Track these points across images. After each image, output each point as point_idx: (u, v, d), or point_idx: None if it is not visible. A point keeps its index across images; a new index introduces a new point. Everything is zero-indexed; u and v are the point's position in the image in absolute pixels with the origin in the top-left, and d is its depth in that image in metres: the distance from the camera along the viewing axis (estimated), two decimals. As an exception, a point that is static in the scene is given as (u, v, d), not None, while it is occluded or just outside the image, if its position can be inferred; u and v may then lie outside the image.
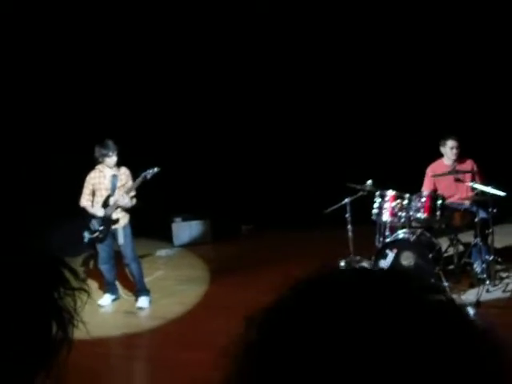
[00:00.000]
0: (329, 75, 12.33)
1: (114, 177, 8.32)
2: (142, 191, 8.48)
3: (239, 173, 12.83)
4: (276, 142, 12.70)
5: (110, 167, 8.28)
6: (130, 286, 8.77)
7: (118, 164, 8.36)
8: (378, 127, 12.01)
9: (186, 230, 12.40)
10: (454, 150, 8.42)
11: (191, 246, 12.11)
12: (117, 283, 8.83)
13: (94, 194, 8.41)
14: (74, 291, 1.12)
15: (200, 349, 5.51)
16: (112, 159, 8.19)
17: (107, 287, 8.77)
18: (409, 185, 8.55)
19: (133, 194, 8.35)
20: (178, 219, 12.43)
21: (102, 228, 8.33)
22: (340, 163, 11.72)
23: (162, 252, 11.85)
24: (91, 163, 8.39)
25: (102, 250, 8.48)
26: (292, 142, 12.59)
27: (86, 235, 8.44)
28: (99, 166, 8.31)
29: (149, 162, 8.46)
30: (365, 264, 8.84)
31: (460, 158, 8.53)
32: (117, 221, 8.34)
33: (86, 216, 8.41)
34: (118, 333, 7.62)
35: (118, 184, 8.30)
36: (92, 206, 8.38)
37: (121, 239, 8.36)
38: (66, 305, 1.11)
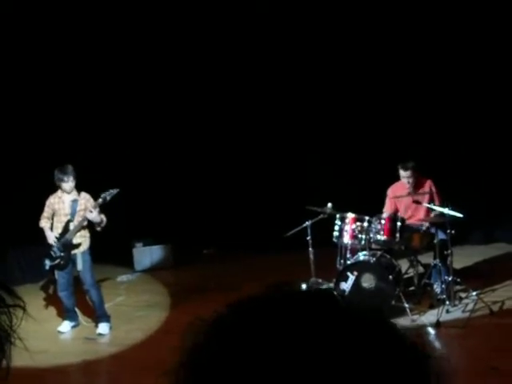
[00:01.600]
0: (290, 98, 12.42)
1: (74, 202, 8.27)
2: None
3: (200, 197, 12.80)
4: (236, 166, 12.71)
5: (68, 192, 8.22)
6: (90, 312, 8.66)
7: (78, 189, 8.31)
8: (339, 149, 12.10)
9: (147, 254, 12.31)
10: (406, 180, 8.55)
11: (152, 270, 12.01)
12: (76, 309, 8.72)
13: (53, 217, 8.36)
14: (8, 308, 1.11)
15: (160, 375, 5.46)
16: (68, 184, 8.14)
17: (66, 314, 8.66)
18: (369, 207, 8.64)
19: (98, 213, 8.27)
20: (138, 244, 12.33)
21: (63, 254, 8.24)
22: (300, 186, 11.77)
23: (123, 277, 11.73)
24: (53, 186, 8.34)
25: (61, 276, 8.38)
26: (252, 165, 12.60)
27: (47, 262, 8.35)
28: (58, 191, 8.27)
29: (109, 185, 8.41)
30: (325, 286, 8.89)
31: (418, 178, 8.64)
32: (77, 245, 8.26)
33: (47, 243, 8.32)
34: (77, 360, 7.52)
35: (78, 209, 8.24)
36: (51, 229, 8.30)
37: (79, 265, 8.28)
38: (1, 323, 1.10)
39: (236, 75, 12.46)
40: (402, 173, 8.57)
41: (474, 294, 8.08)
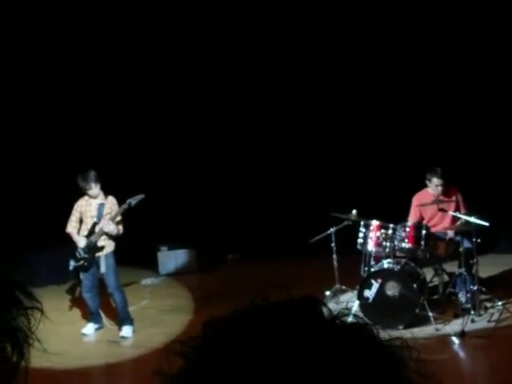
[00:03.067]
0: (314, 104, 12.42)
1: (101, 205, 8.35)
2: (128, 219, 8.48)
3: (225, 202, 12.83)
4: (262, 172, 12.73)
5: (94, 198, 8.31)
6: (114, 315, 8.70)
7: (105, 193, 8.39)
8: (364, 157, 12.07)
9: (171, 258, 12.36)
10: (439, 188, 8.45)
11: (177, 275, 12.05)
12: (101, 312, 8.77)
13: (81, 221, 8.44)
14: (26, 311, 1.13)
15: None
16: (93, 191, 8.24)
17: (91, 316, 8.71)
18: (394, 214, 8.59)
19: (119, 219, 8.33)
20: (163, 248, 12.39)
21: (87, 256, 8.32)
22: (325, 193, 11.75)
23: (148, 281, 11.78)
24: (79, 188, 8.42)
25: (86, 278, 8.45)
26: (278, 171, 12.62)
27: (72, 263, 8.42)
28: (86, 195, 8.35)
29: (135, 190, 8.47)
30: (350, 293, 8.86)
31: (444, 186, 8.56)
32: (101, 248, 8.33)
33: (73, 244, 8.40)
34: (100, 362, 7.56)
35: (104, 212, 8.31)
36: (78, 233, 8.38)
37: (103, 268, 8.34)
38: (19, 325, 1.12)
39: (256, 79, 12.48)
40: (436, 180, 8.43)
41: (500, 303, 7.99)
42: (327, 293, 8.87)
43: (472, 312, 7.79)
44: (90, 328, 8.65)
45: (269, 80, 12.47)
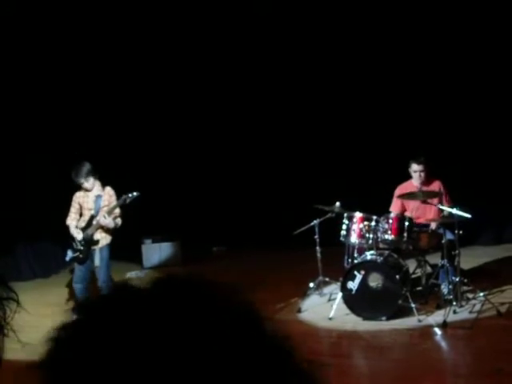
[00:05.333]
0: (298, 98, 12.43)
1: (98, 197, 8.34)
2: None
3: (209, 194, 12.84)
4: (246, 165, 12.74)
5: (89, 190, 8.28)
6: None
7: (103, 184, 8.38)
8: (347, 148, 12.10)
9: (155, 251, 12.35)
10: (418, 174, 8.51)
11: (161, 267, 12.04)
12: None
13: (81, 213, 8.45)
14: (1, 301, 1.14)
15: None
16: (86, 185, 8.21)
17: None
18: (377, 206, 8.63)
19: (116, 213, 8.31)
20: (147, 241, 12.38)
21: (83, 248, 8.30)
22: (308, 185, 11.78)
23: (132, 274, 11.76)
24: (64, 182, 8.41)
25: (78, 269, 8.45)
26: (262, 164, 12.63)
27: (69, 253, 8.42)
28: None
29: (120, 184, 8.47)
30: (333, 285, 8.90)
31: (428, 179, 8.61)
32: (97, 242, 8.32)
33: (69, 235, 8.42)
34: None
35: (102, 204, 8.29)
36: (76, 225, 8.35)
37: (97, 260, 8.34)
38: None
39: (243, 76, 12.50)
40: (415, 166, 8.51)
41: (482, 294, 8.04)
42: (311, 284, 8.92)
43: (454, 303, 7.83)
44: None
45: (254, 76, 12.48)
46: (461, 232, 7.80)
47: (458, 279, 7.86)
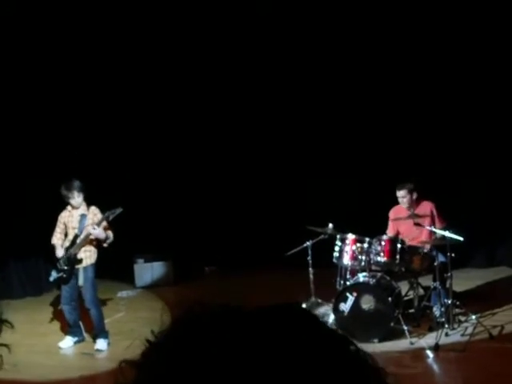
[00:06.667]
0: (292, 116, 12.48)
1: (83, 216, 8.30)
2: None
3: (202, 215, 12.84)
4: (238, 185, 12.75)
5: (76, 208, 8.27)
6: (91, 327, 8.63)
7: (88, 203, 8.36)
8: (339, 170, 12.13)
9: (148, 271, 12.32)
10: (401, 200, 8.59)
11: (153, 287, 12.02)
12: (81, 324, 8.67)
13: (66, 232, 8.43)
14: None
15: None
16: (74, 200, 8.20)
17: (69, 329, 8.63)
18: (370, 228, 8.64)
19: (104, 227, 8.27)
20: (140, 260, 12.35)
21: (66, 268, 8.25)
22: (301, 207, 11.80)
23: (124, 293, 11.75)
24: (55, 200, 8.40)
25: (65, 290, 8.39)
26: (254, 184, 12.65)
27: (53, 274, 8.36)
28: (69, 206, 8.33)
29: (111, 202, 8.45)
30: (326, 306, 8.89)
31: (419, 201, 8.66)
32: (81, 261, 8.27)
33: (54, 255, 8.37)
34: (75, 375, 7.50)
35: (86, 223, 8.26)
36: (62, 245, 8.33)
37: (80, 280, 8.29)
38: None
39: (231, 90, 12.52)
40: (397, 192, 8.61)
41: (474, 317, 8.04)
42: (303, 306, 8.89)
43: (446, 326, 7.84)
44: (67, 342, 8.56)
45: (242, 98, 12.53)
46: (453, 254, 7.82)
47: (450, 302, 7.87)
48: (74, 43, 11.72)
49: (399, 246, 8.11)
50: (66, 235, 8.43)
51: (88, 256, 8.33)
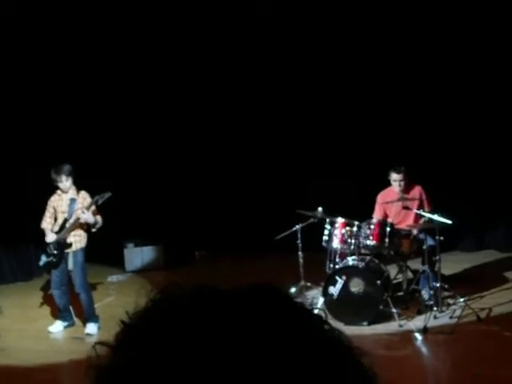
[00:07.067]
0: (279, 104, 12.46)
1: (73, 201, 8.28)
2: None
3: (192, 199, 12.82)
4: (228, 169, 12.75)
5: (65, 192, 8.25)
6: (81, 312, 8.63)
7: (78, 188, 8.35)
8: (329, 154, 12.13)
9: (138, 255, 12.32)
10: (398, 183, 8.58)
11: (143, 271, 12.01)
12: (71, 309, 8.68)
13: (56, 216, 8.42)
14: None
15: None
16: (63, 184, 8.17)
17: (60, 313, 8.62)
18: (359, 212, 8.67)
19: (93, 212, 8.25)
20: (130, 245, 12.34)
21: (56, 252, 8.23)
22: (291, 190, 11.80)
23: (114, 278, 11.74)
24: (44, 185, 8.39)
25: (55, 274, 8.37)
26: (244, 168, 12.64)
27: (43, 258, 8.34)
28: (59, 190, 8.31)
29: (102, 186, 8.43)
30: (315, 290, 8.93)
31: (408, 185, 8.68)
32: (70, 245, 8.26)
33: (44, 240, 8.36)
34: (65, 359, 7.52)
35: (76, 208, 8.24)
36: (51, 229, 8.32)
37: (70, 264, 8.29)
38: None
39: (220, 77, 12.51)
40: (395, 175, 8.58)
41: (462, 300, 8.12)
42: (292, 289, 8.93)
43: (435, 308, 7.91)
44: (57, 326, 8.56)
45: (236, 80, 12.50)
46: (441, 238, 7.86)
47: (438, 285, 7.92)
48: (72, 39, 11.73)
49: (388, 229, 8.14)
50: (55, 219, 8.42)
51: (78, 240, 8.32)
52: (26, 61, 11.54)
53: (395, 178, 8.59)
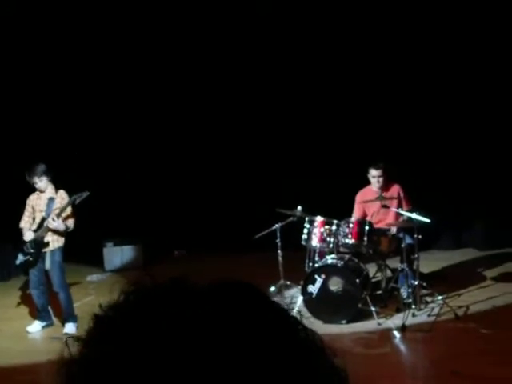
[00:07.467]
0: (260, 103, 12.47)
1: (51, 200, 8.24)
2: (75, 214, 8.38)
3: (171, 198, 12.80)
4: (206, 169, 12.75)
5: (43, 192, 8.20)
6: (60, 311, 8.59)
7: (57, 187, 8.29)
8: (308, 153, 12.17)
9: (117, 254, 12.29)
10: (377, 179, 8.60)
11: (123, 270, 11.98)
12: (50, 309, 8.63)
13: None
14: None
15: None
16: (39, 185, 8.14)
17: (38, 313, 8.57)
18: (338, 211, 8.69)
19: (67, 214, 8.21)
20: (109, 244, 12.31)
21: (33, 251, 8.18)
22: (270, 189, 11.81)
23: (93, 277, 11.70)
24: (20, 184, 8.33)
25: (33, 274, 8.32)
26: (223, 168, 12.64)
27: (20, 257, 8.28)
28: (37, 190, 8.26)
29: (80, 186, 8.39)
30: (294, 289, 8.94)
31: (387, 184, 8.71)
32: (47, 244, 8.21)
33: (22, 239, 8.30)
34: (43, 359, 7.46)
35: (54, 207, 8.19)
36: (29, 228, 8.27)
37: (47, 264, 8.24)
38: None
39: (203, 77, 12.51)
40: (373, 172, 8.61)
41: (440, 298, 8.17)
42: (272, 288, 8.94)
43: (413, 306, 7.94)
44: (35, 326, 8.50)
45: (216, 81, 12.51)
46: (420, 236, 7.90)
47: (416, 283, 7.96)
48: (59, 36, 11.69)
49: (367, 228, 8.16)
50: (34, 219, 8.37)
51: (55, 239, 8.27)
52: (9, 60, 11.48)
53: (374, 174, 8.62)
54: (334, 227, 8.28)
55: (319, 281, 7.99)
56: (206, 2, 12.07)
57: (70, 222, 8.24)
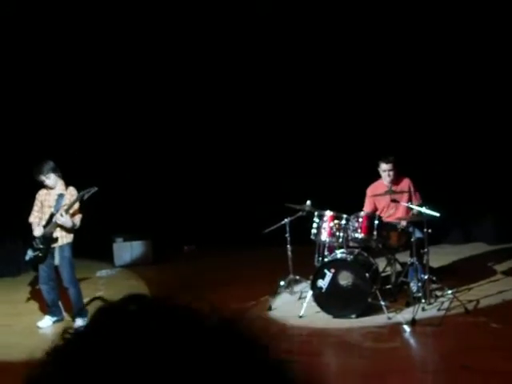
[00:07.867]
0: (268, 97, 12.46)
1: (60, 196, 8.24)
2: (83, 210, 8.39)
3: (181, 194, 12.82)
4: (216, 164, 12.75)
5: (52, 188, 8.22)
6: (70, 307, 8.61)
7: (67, 184, 8.31)
8: (317, 147, 12.16)
9: (127, 250, 12.31)
10: (387, 173, 8.58)
11: (132, 266, 12.01)
12: (60, 304, 8.66)
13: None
14: None
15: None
16: (47, 182, 8.15)
17: (48, 309, 8.59)
18: (347, 205, 8.68)
19: (74, 211, 8.23)
20: (119, 239, 12.33)
21: (42, 247, 8.20)
22: (279, 184, 11.81)
23: (103, 272, 11.74)
24: (28, 181, 8.34)
25: (42, 269, 8.34)
26: (233, 163, 12.65)
27: (29, 253, 8.30)
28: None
29: (91, 181, 8.39)
30: (304, 283, 8.93)
31: (397, 177, 8.69)
32: (56, 239, 8.22)
33: (31, 234, 8.31)
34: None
35: (63, 203, 8.20)
36: (39, 223, 8.29)
37: (56, 259, 8.25)
38: None
39: (207, 75, 12.51)
40: (384, 165, 8.59)
41: (450, 292, 8.15)
42: (281, 283, 8.95)
43: (423, 301, 7.92)
44: (46, 321, 8.52)
45: (223, 79, 12.51)
46: (429, 230, 7.87)
47: (426, 277, 7.94)
48: (58, 36, 11.71)
49: (376, 222, 8.14)
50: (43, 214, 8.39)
51: (64, 235, 8.28)
52: (12, 59, 11.51)
53: (384, 168, 8.60)
54: (343, 221, 8.27)
55: (329, 275, 7.98)
56: (206, 2, 12.06)
57: (77, 220, 8.23)
